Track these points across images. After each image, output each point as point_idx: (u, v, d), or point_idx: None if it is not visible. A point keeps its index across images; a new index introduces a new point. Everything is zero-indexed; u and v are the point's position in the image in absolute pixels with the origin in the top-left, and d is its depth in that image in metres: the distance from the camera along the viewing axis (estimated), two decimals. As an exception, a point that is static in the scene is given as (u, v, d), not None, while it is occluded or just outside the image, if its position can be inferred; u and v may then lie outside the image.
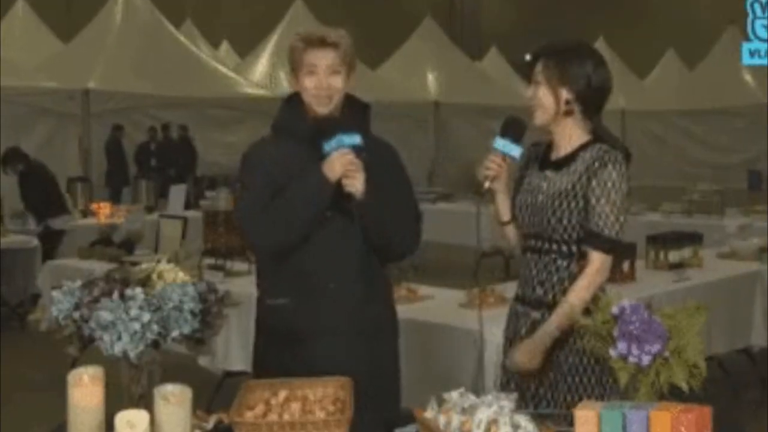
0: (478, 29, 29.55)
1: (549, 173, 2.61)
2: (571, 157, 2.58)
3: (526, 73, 2.67)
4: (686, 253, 5.33)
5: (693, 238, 5.48)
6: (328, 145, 2.53)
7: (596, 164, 2.52)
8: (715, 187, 9.54)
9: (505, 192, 2.69)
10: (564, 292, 2.56)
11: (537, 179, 2.63)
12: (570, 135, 2.60)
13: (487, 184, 2.59)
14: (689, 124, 20.74)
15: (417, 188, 3.27)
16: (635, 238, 4.99)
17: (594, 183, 2.51)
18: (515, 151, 2.58)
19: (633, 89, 21.61)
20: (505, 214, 2.70)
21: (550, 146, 2.66)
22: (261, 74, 17.06)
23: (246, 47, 19.53)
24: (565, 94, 2.55)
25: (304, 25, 17.90)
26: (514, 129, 2.61)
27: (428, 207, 11.08)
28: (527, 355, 2.51)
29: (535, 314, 2.60)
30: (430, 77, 19.04)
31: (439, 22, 20.67)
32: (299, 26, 17.52)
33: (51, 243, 7.99)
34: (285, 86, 16.64)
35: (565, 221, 2.54)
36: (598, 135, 2.61)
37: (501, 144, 2.58)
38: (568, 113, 2.57)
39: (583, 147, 2.58)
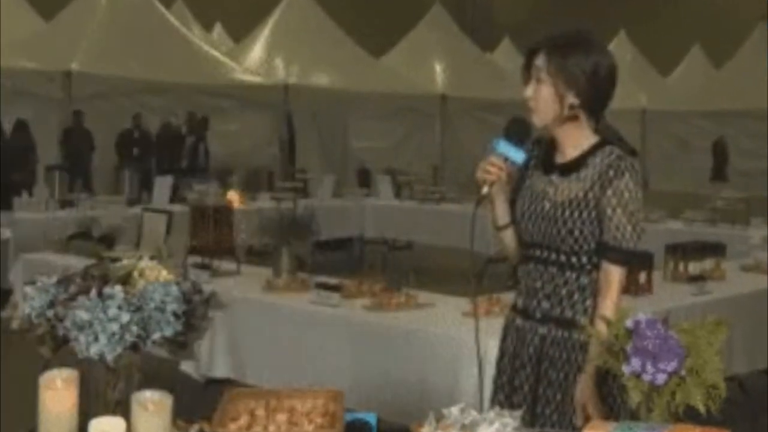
0: (490, 19, 29.58)
1: (555, 178, 2.57)
2: (580, 162, 2.55)
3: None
4: (707, 264, 5.33)
5: (715, 249, 5.48)
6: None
7: (611, 172, 2.49)
8: (741, 194, 9.55)
9: (503, 195, 2.64)
10: (573, 306, 2.54)
11: (541, 184, 2.58)
12: (576, 136, 2.56)
13: (485, 189, 2.52)
14: (714, 126, 20.73)
15: (421, 187, 3.31)
16: (653, 248, 4.98)
17: (609, 192, 2.49)
18: (518, 155, 2.51)
19: (655, 88, 21.64)
20: (502, 218, 2.65)
21: (552, 145, 2.61)
22: (256, 60, 17.05)
23: (241, 31, 19.55)
24: (570, 98, 2.50)
25: (302, 8, 17.91)
26: (518, 130, 2.55)
27: (432, 207, 11.12)
28: (584, 398, 2.46)
29: (542, 329, 2.59)
30: (438, 69, 19.03)
31: (448, 10, 20.67)
32: (298, 9, 17.57)
33: None
34: (281, 73, 16.68)
35: (576, 232, 2.51)
36: (603, 134, 2.57)
37: (503, 147, 2.51)
38: (572, 119, 2.53)
39: (592, 150, 2.55)
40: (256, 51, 17.37)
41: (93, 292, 2.12)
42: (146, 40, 14.36)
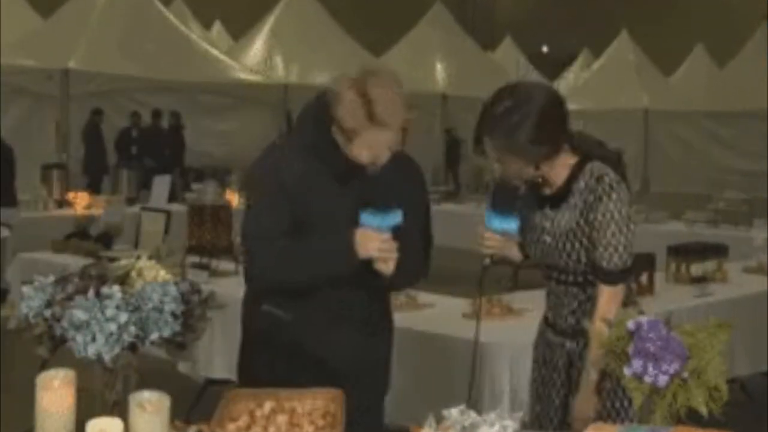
0: (491, 17, 29.58)
1: (548, 211, 2.65)
2: (565, 190, 2.61)
3: (538, 65, 2.66)
4: (710, 266, 5.32)
5: (717, 250, 5.47)
6: (367, 219, 2.55)
7: (591, 198, 2.55)
8: (743, 195, 9.54)
9: (509, 245, 2.74)
10: None
11: (538, 218, 2.67)
12: (556, 168, 2.61)
13: (487, 261, 2.69)
14: (717, 126, 20.74)
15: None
16: (655, 249, 4.99)
17: (592, 217, 2.56)
18: (511, 225, 2.64)
19: (657, 87, 21.63)
20: (517, 257, 2.78)
21: (538, 180, 2.66)
22: (256, 58, 17.07)
23: (240, 29, 19.57)
24: (534, 150, 2.54)
25: (302, 6, 17.92)
26: (504, 199, 2.64)
27: (432, 207, 11.10)
28: (585, 405, 2.56)
29: (571, 344, 2.67)
30: (439, 67, 19.06)
31: (449, 8, 20.69)
32: (297, 8, 17.57)
33: None
34: (281, 72, 16.68)
35: (583, 259, 2.59)
36: (582, 148, 2.62)
37: (496, 224, 2.64)
38: (539, 175, 2.60)
39: (574, 174, 2.59)
40: (256, 49, 17.38)
41: (91, 292, 2.12)
42: (145, 38, 14.37)
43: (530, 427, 2.64)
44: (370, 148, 2.57)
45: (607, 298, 2.56)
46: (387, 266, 2.57)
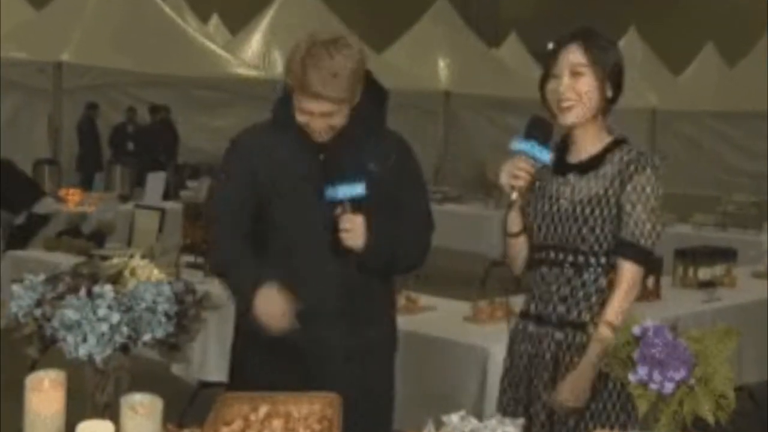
0: (496, 13, 29.56)
1: (572, 177, 2.59)
2: (597, 160, 2.57)
3: (544, 63, 2.63)
4: (718, 270, 5.33)
5: (726, 254, 5.48)
6: (328, 195, 2.62)
7: (632, 167, 2.52)
8: (753, 198, 9.53)
9: (523, 201, 2.65)
10: (590, 308, 2.55)
11: (556, 184, 2.61)
12: (594, 135, 2.59)
13: (514, 196, 2.55)
14: (727, 127, 20.71)
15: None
16: (662, 252, 4.97)
17: (629, 188, 2.51)
18: (545, 155, 2.53)
19: (666, 87, 21.61)
20: (517, 225, 2.67)
21: (564, 147, 2.64)
22: (254, 53, 17.05)
23: (238, 23, 19.54)
24: (608, 90, 2.54)
25: (301, 0, 17.88)
26: (540, 130, 2.56)
27: (434, 208, 11.05)
28: (574, 392, 2.48)
29: (559, 335, 2.58)
30: (442, 64, 19.03)
31: (453, 4, 20.66)
32: (297, 1, 17.55)
33: (36, 227, 7.95)
34: (280, 68, 16.64)
35: (597, 230, 2.53)
36: (618, 134, 2.61)
37: (529, 149, 2.52)
38: (604, 112, 2.57)
39: (610, 147, 2.58)
40: (254, 44, 17.36)
41: (82, 291, 2.12)
42: (140, 31, 14.35)
43: None
44: (303, 112, 2.62)
45: (636, 279, 2.52)
46: (353, 238, 2.59)
